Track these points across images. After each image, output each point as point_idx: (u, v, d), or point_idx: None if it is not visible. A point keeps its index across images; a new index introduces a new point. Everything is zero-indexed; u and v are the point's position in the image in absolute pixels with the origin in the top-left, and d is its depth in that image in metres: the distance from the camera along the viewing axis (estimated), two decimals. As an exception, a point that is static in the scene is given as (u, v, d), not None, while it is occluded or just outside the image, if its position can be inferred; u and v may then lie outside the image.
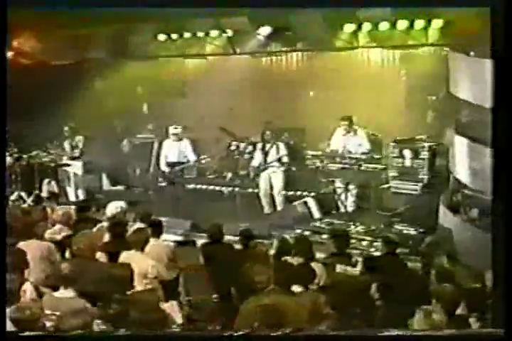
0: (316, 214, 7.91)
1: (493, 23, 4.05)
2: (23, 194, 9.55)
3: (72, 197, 9.96)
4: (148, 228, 5.53)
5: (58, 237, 5.86)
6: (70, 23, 9.62)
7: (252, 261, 4.95)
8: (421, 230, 6.93)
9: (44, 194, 9.64)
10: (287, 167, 8.57)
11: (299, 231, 7.34)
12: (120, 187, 11.11)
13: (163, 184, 9.43)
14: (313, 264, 4.71)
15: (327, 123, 9.24)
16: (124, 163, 11.39)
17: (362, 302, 3.98)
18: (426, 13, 8.91)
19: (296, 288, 4.07)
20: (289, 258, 4.99)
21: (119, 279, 3.99)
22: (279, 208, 8.56)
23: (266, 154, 8.68)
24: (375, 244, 6.44)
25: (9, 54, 10.69)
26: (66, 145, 10.15)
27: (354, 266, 4.87)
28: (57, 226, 6.08)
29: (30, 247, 5.20)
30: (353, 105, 9.50)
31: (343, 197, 7.81)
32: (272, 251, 5.44)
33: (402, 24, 9.16)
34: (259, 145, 8.90)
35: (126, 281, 4.05)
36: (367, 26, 9.50)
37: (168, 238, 6.47)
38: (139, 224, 6.11)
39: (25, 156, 9.78)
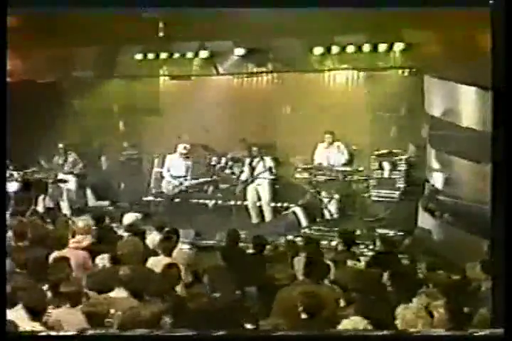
0: (304, 222, 8.73)
1: (493, 24, 4.17)
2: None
3: (65, 211, 10.48)
4: (174, 236, 6.20)
5: (83, 245, 6.44)
6: (54, 42, 10.21)
7: (273, 261, 5.76)
8: (400, 233, 7.84)
9: (40, 209, 10.19)
10: (274, 179, 9.37)
11: (290, 237, 8.13)
12: (105, 202, 11.69)
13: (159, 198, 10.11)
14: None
15: (298, 139, 10.16)
16: (106, 178, 11.96)
17: (373, 289, 4.75)
18: (389, 37, 9.96)
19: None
20: (301, 257, 5.77)
21: (171, 278, 4.67)
22: (267, 218, 9.34)
23: (253, 168, 9.46)
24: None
25: None
26: (59, 161, 10.67)
27: (359, 261, 5.70)
28: (80, 236, 6.66)
29: (69, 255, 5.79)
30: (324, 122, 10.44)
31: (328, 205, 8.67)
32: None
33: (367, 47, 10.20)
34: (247, 160, 9.66)
35: (175, 279, 4.72)
36: (335, 49, 10.50)
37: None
38: (155, 233, 6.81)
39: (21, 173, 10.22)
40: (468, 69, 6.89)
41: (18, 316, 4.13)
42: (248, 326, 4.09)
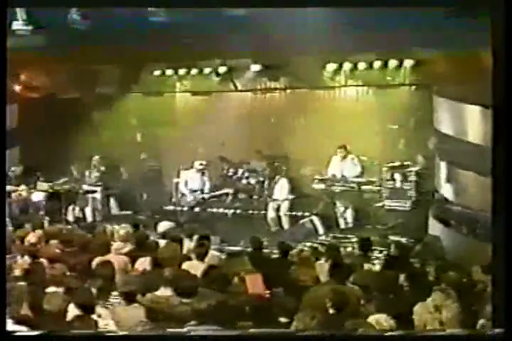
0: (321, 230, 9.34)
1: (493, 26, 4.26)
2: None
3: (90, 219, 11.10)
4: (207, 242, 6.81)
5: (123, 251, 7.04)
6: (79, 60, 10.82)
7: (297, 265, 6.36)
8: (412, 240, 8.42)
9: (70, 218, 10.85)
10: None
11: (309, 244, 8.74)
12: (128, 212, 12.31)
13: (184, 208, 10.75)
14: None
15: (310, 151, 10.74)
16: (127, 189, 12.57)
17: (392, 289, 5.33)
18: (399, 55, 10.57)
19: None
20: (323, 262, 6.37)
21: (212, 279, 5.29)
22: (285, 226, 9.96)
23: (271, 190, 10.11)
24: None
25: (17, 88, 11.80)
26: (86, 173, 11.33)
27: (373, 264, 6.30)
28: (120, 243, 7.26)
29: (113, 260, 6.39)
30: (335, 135, 11.04)
31: (344, 214, 9.29)
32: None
33: (378, 64, 10.83)
34: (267, 182, 10.27)
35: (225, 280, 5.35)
36: (347, 66, 11.15)
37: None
38: (187, 241, 7.42)
39: (51, 184, 10.87)
40: (473, 88, 7.50)
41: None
42: (283, 319, 4.67)
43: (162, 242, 7.13)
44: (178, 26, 8.88)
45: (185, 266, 6.49)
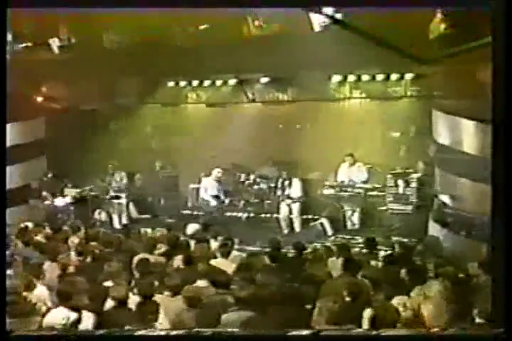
0: (330, 232, 10.20)
1: (493, 26, 4.37)
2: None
3: (116, 225, 11.97)
4: (230, 243, 7.66)
5: (160, 251, 7.86)
6: (100, 73, 11.60)
7: (312, 262, 7.21)
8: (413, 240, 9.27)
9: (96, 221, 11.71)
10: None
11: (319, 245, 9.56)
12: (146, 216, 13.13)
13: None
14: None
15: (316, 158, 11.55)
16: (143, 194, 13.39)
17: (393, 282, 6.16)
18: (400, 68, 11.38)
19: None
20: (335, 259, 7.21)
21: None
22: (297, 229, 10.80)
23: (284, 189, 10.95)
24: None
25: (42, 100, 12.61)
26: (110, 180, 12.19)
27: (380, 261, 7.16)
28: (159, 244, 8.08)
29: (151, 259, 7.22)
30: (340, 143, 11.83)
31: (351, 217, 10.15)
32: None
33: (380, 77, 11.67)
34: (280, 181, 11.11)
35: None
36: (351, 78, 12.01)
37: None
38: (213, 241, 8.26)
39: (79, 190, 11.73)
40: (469, 103, 8.34)
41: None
42: (308, 306, 5.51)
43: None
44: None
45: (212, 262, 7.35)
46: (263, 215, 11.90)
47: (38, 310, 5.31)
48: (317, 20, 7.23)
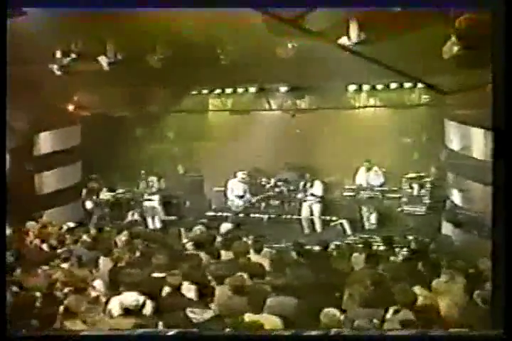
0: (349, 232, 11.01)
1: (493, 27, 4.40)
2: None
3: (150, 225, 12.81)
4: (262, 240, 8.50)
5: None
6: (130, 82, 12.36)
7: (336, 257, 8.02)
8: (427, 239, 10.04)
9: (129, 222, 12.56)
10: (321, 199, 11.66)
11: (338, 243, 10.36)
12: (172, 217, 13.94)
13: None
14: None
15: (332, 163, 12.33)
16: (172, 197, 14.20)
17: (410, 274, 6.94)
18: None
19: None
20: (357, 254, 8.01)
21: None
22: (318, 229, 11.60)
23: (306, 190, 11.77)
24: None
25: (70, 107, 13.40)
26: (143, 184, 13.06)
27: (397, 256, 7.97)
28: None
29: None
30: (355, 149, 12.55)
31: (369, 218, 10.97)
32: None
33: (394, 85, 12.44)
34: (302, 183, 11.93)
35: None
36: (366, 87, 12.81)
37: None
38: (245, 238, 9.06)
39: (113, 193, 12.61)
40: (478, 112, 9.11)
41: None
42: (337, 294, 6.31)
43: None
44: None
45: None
46: (284, 216, 12.71)
47: (100, 300, 6.15)
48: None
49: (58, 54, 9.03)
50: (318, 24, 6.62)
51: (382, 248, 8.82)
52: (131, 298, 5.37)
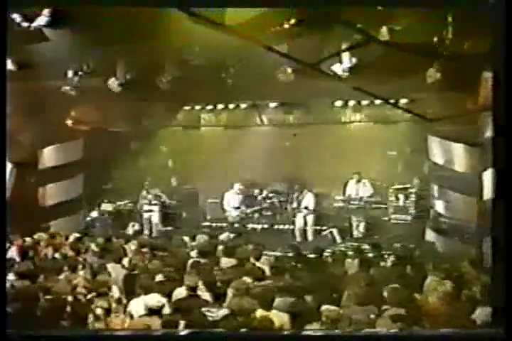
0: (339, 240, 11.74)
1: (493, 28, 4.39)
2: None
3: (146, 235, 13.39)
4: (260, 247, 9.18)
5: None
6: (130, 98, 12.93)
7: (332, 263, 8.73)
8: (412, 245, 10.79)
9: (130, 232, 13.16)
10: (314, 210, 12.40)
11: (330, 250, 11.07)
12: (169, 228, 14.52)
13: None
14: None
15: (321, 175, 13.04)
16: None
17: (400, 278, 7.66)
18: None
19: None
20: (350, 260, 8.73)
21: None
22: (310, 238, 12.30)
23: (299, 202, 12.50)
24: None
25: (69, 121, 13.95)
26: (144, 195, 13.67)
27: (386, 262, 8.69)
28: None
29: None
30: (343, 161, 13.28)
31: (358, 227, 11.72)
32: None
33: (378, 101, 13.20)
34: (295, 195, 12.64)
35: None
36: (351, 102, 13.61)
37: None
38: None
39: (115, 205, 13.22)
40: (460, 128, 9.91)
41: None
42: (334, 295, 7.00)
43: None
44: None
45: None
46: (276, 227, 13.39)
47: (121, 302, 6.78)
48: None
49: (70, 73, 9.64)
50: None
51: (370, 254, 9.51)
52: (154, 299, 6.01)
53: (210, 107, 14.78)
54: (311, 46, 7.85)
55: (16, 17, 6.69)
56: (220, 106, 14.68)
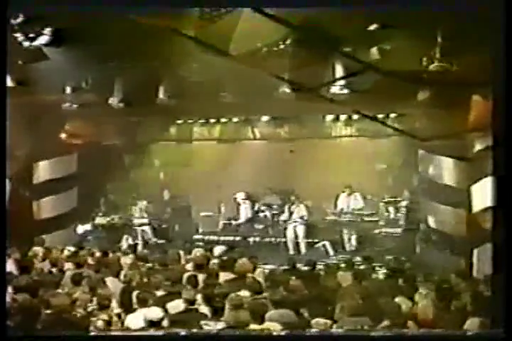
0: (331, 253, 11.93)
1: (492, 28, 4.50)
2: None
3: (140, 248, 13.51)
4: (255, 260, 9.33)
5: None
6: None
7: (325, 275, 8.92)
8: (403, 258, 11.01)
9: (124, 246, 13.27)
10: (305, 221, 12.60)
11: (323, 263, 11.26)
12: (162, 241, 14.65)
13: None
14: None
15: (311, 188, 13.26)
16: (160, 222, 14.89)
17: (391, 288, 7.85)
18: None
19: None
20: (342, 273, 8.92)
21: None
22: (302, 250, 12.48)
23: (291, 213, 12.69)
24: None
25: (63, 136, 14.07)
26: (136, 209, 13.82)
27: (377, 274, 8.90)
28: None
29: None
30: (334, 175, 13.50)
31: (350, 240, 11.92)
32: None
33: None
34: (287, 206, 12.85)
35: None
36: (343, 117, 13.90)
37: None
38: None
39: (108, 219, 13.35)
40: (449, 142, 10.17)
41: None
42: (328, 308, 7.17)
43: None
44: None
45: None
46: (267, 239, 13.57)
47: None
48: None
49: (68, 89, 9.83)
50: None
51: (362, 266, 9.72)
52: (154, 312, 6.16)
53: (202, 121, 14.98)
54: (309, 70, 8.11)
55: (18, 36, 6.86)
56: (212, 120, 14.90)
